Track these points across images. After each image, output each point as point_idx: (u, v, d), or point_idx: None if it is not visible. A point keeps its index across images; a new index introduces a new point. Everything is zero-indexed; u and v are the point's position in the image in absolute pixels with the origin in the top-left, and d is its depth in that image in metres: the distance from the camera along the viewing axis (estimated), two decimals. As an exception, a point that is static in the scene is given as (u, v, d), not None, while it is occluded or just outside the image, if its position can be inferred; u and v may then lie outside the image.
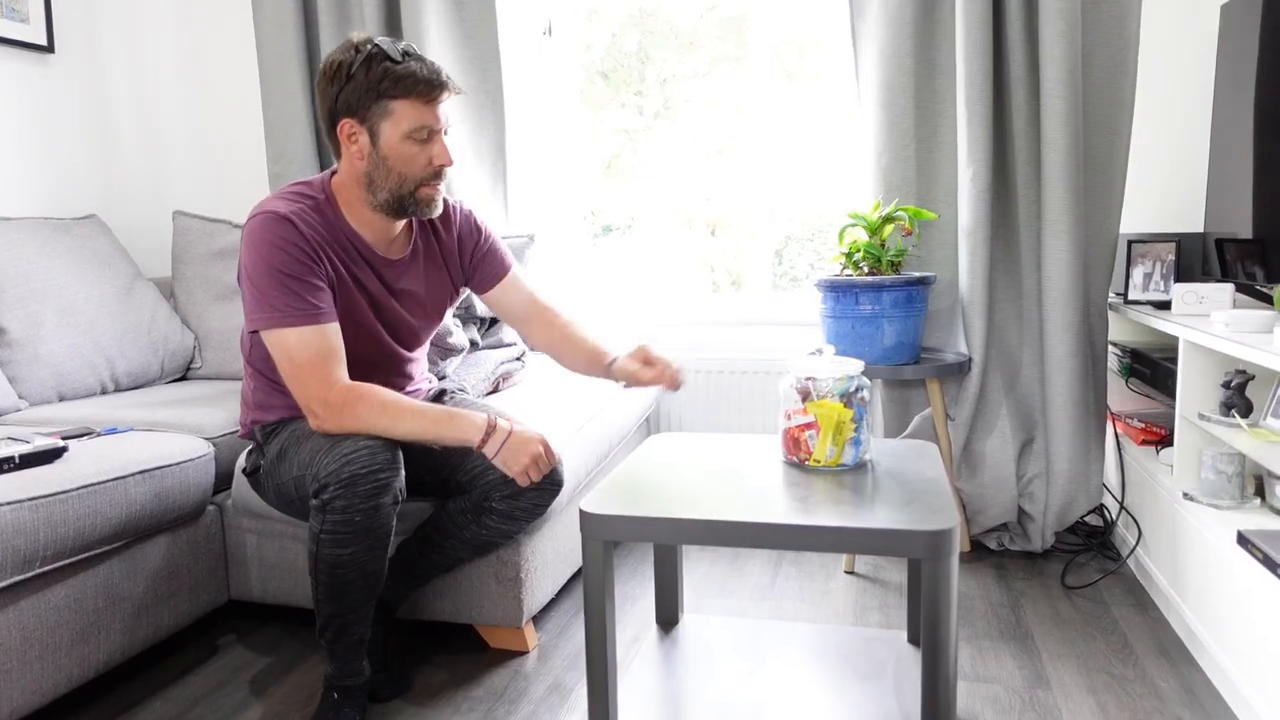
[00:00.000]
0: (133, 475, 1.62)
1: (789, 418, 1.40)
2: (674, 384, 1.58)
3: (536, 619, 1.92)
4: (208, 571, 1.82)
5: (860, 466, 1.37)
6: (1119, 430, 2.22)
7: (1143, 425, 2.14)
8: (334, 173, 1.54)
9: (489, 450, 1.43)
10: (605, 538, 1.19)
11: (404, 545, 1.66)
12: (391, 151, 1.45)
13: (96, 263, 2.41)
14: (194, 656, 1.78)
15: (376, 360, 1.60)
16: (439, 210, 1.52)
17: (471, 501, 1.59)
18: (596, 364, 1.65)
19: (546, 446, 1.46)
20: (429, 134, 1.46)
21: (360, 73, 1.42)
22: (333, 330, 1.44)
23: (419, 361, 1.71)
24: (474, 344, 2.17)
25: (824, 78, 2.73)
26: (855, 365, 1.38)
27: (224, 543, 1.87)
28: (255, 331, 1.43)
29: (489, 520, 1.59)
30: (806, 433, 1.38)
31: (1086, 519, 2.37)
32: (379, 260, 1.55)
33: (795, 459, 1.40)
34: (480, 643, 1.80)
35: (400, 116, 1.44)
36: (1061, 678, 1.61)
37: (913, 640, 1.57)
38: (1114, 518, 2.22)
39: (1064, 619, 1.85)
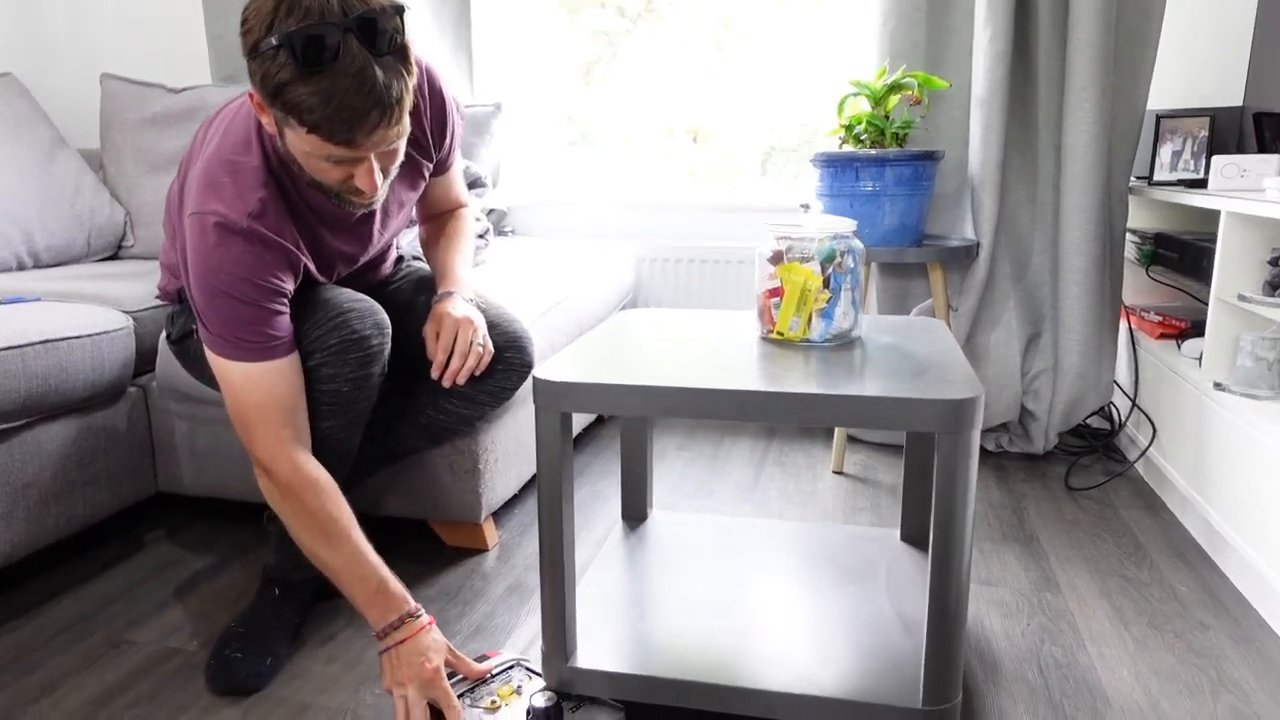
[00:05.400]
0: (32, 345, 1.41)
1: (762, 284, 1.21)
2: (449, 379, 1.29)
3: (497, 516, 1.76)
4: (130, 459, 1.64)
5: (846, 343, 1.18)
6: (1133, 325, 2.05)
7: (1160, 319, 1.97)
8: None
9: (381, 643, 1.12)
10: (562, 409, 1.01)
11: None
12: (301, 157, 1.08)
13: (12, 125, 2.15)
14: (115, 552, 1.61)
15: (354, 275, 1.40)
16: (379, 205, 1.23)
17: (430, 382, 1.40)
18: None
19: (439, 677, 1.08)
20: (348, 160, 1.06)
21: (255, 64, 0.98)
22: (288, 367, 1.15)
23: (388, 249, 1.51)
24: (431, 218, 1.95)
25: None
26: (845, 224, 1.18)
27: (149, 429, 1.69)
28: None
29: (447, 404, 1.40)
30: (773, 300, 1.19)
31: (1089, 422, 2.22)
32: (348, 214, 1.24)
33: (765, 331, 1.21)
34: (436, 540, 1.64)
35: (302, 139, 1.03)
36: (1071, 581, 1.47)
37: (907, 538, 1.41)
38: (1123, 419, 2.07)
39: (1070, 521, 1.70)
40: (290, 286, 1.17)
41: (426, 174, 1.34)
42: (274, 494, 1.15)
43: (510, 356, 1.38)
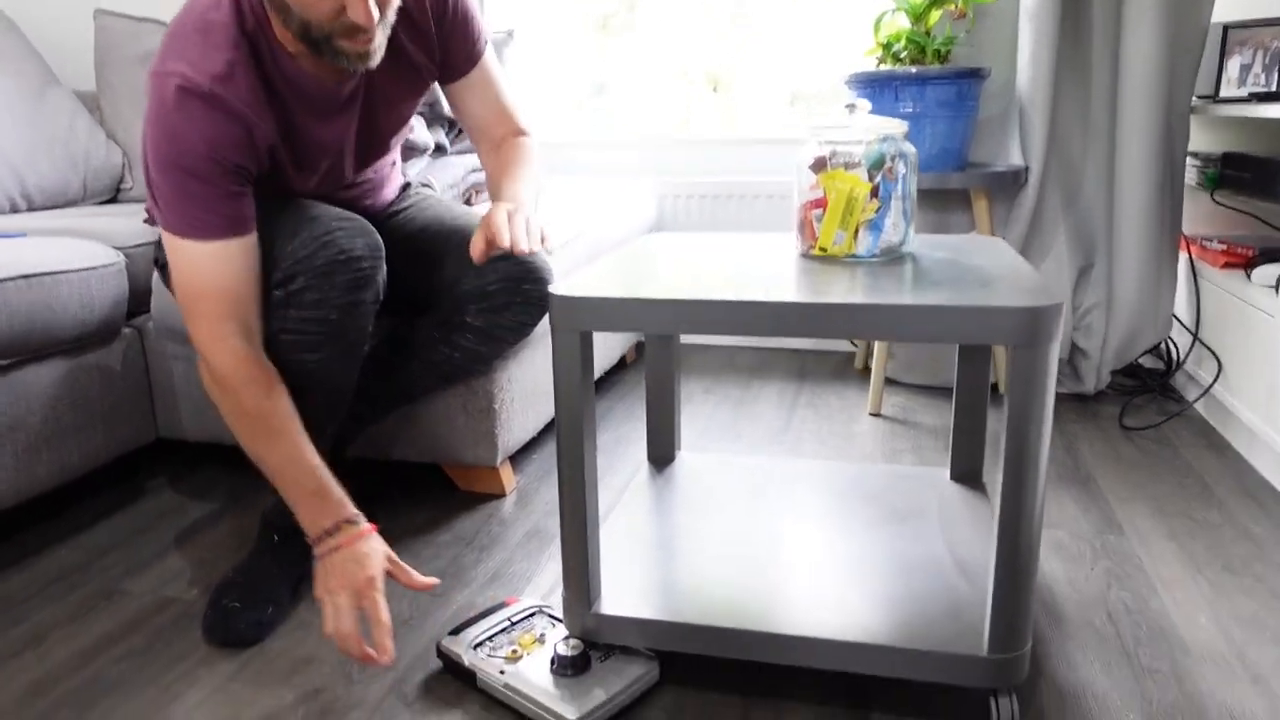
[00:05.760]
0: (12, 280, 1.32)
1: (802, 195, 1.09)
2: (531, 246, 1.11)
3: (515, 460, 1.66)
4: (127, 403, 1.55)
5: (896, 259, 1.06)
6: (1193, 255, 1.91)
7: (1224, 247, 1.83)
8: None
9: (316, 550, 1.03)
10: (581, 328, 0.90)
11: (353, 369, 1.37)
12: None
13: (1, 63, 2.05)
14: (113, 500, 1.53)
15: (331, 191, 1.26)
16: (375, 62, 1.03)
17: (441, 316, 1.30)
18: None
19: (371, 587, 0.98)
20: None
21: None
22: (238, 252, 1.04)
23: (385, 169, 1.36)
24: (440, 148, 1.84)
25: None
26: (895, 126, 1.05)
27: (146, 372, 1.60)
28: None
29: (462, 339, 1.30)
30: (815, 211, 1.07)
31: (1141, 361, 2.09)
32: (330, 93, 1.10)
33: (806, 247, 1.09)
34: (449, 486, 1.55)
35: None
36: (1134, 522, 1.35)
37: (958, 478, 1.30)
38: (1181, 356, 1.93)
39: (1128, 462, 1.59)
40: (253, 168, 1.06)
41: (428, 76, 1.21)
42: (211, 386, 1.07)
43: (529, 288, 1.27)
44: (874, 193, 1.04)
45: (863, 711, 0.95)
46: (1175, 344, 1.98)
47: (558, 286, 0.92)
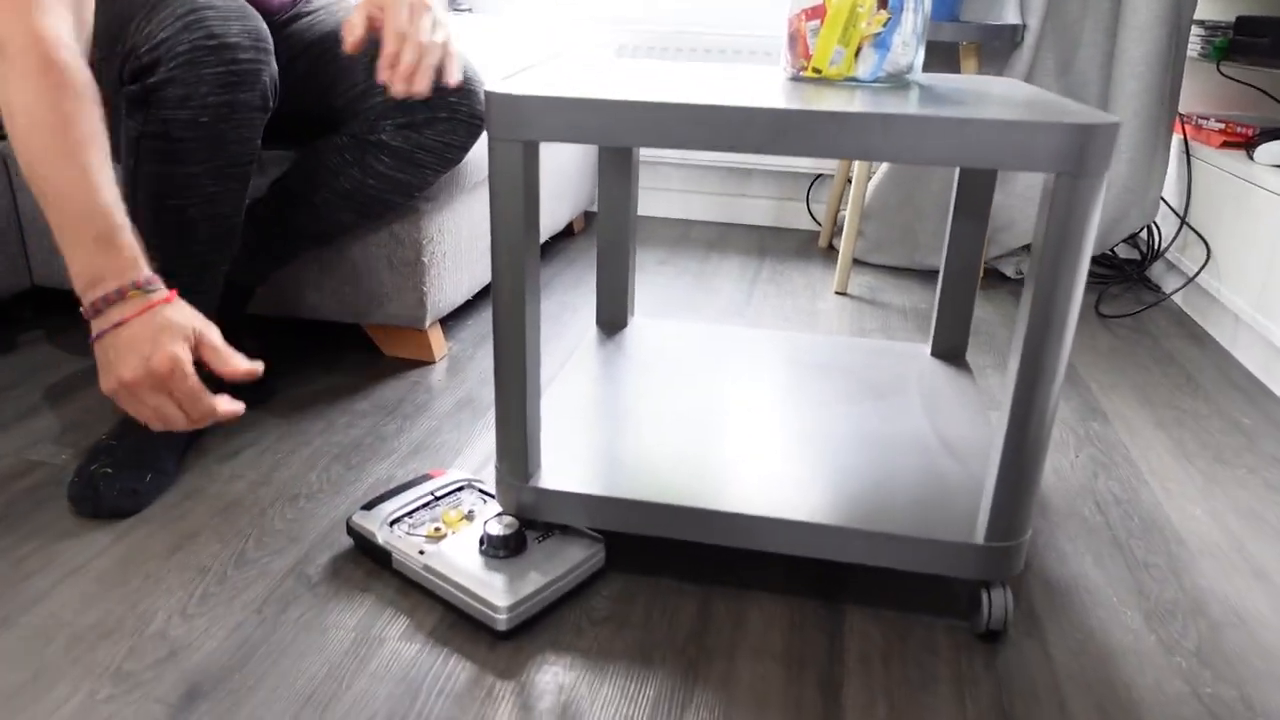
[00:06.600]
0: None
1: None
2: (401, 80, 0.92)
3: (448, 323, 1.49)
4: (-9, 243, 1.33)
5: (901, 86, 0.89)
6: (1187, 135, 1.79)
7: (1222, 126, 1.70)
8: None
9: (94, 325, 0.76)
10: (525, 136, 0.72)
11: (255, 205, 1.17)
12: None
13: None
14: (-21, 353, 1.33)
15: None
16: None
17: (352, 135, 1.10)
18: None
19: (178, 374, 0.74)
20: None
21: None
22: None
23: None
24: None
25: None
26: None
27: (15, 209, 1.37)
28: None
29: (376, 163, 1.10)
30: (810, 23, 0.89)
31: (1116, 250, 1.99)
32: None
33: (796, 68, 0.91)
34: (372, 350, 1.38)
35: None
36: (1119, 411, 1.26)
37: (939, 354, 1.18)
38: (1160, 243, 1.83)
39: (1107, 350, 1.49)
40: None
41: None
42: (8, 78, 0.76)
43: (456, 102, 1.07)
44: (882, 2, 0.87)
45: (835, 603, 0.84)
46: (1158, 229, 1.87)
47: (498, 85, 0.74)
